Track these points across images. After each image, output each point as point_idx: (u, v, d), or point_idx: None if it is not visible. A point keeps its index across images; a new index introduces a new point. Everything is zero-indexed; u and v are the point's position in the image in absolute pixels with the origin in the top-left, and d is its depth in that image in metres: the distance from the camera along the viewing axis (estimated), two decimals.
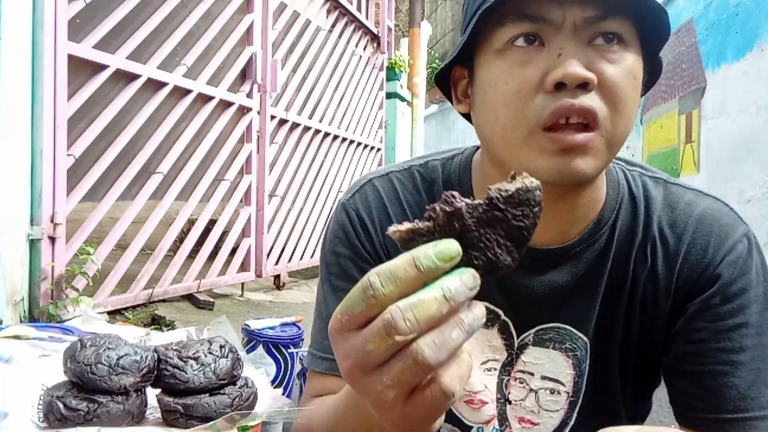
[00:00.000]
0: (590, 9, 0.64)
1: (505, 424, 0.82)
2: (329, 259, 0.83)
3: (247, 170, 4.29)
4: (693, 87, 6.45)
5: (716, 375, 0.70)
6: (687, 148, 6.60)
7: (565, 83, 0.63)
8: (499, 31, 0.67)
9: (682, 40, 6.87)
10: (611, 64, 0.65)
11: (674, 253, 0.74)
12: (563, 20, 0.64)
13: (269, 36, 4.40)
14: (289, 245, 4.89)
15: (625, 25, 0.66)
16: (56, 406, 0.97)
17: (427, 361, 0.40)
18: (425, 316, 0.40)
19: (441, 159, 0.85)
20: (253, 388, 1.13)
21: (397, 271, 0.41)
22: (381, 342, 0.41)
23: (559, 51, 0.64)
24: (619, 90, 0.65)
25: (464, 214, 0.44)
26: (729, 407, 0.69)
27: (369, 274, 0.42)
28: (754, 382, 0.69)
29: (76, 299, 2.65)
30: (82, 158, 2.86)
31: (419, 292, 0.41)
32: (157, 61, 3.29)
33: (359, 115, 6.20)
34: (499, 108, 0.68)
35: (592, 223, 0.76)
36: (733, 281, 0.72)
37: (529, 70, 0.65)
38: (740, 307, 0.71)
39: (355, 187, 0.85)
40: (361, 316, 0.42)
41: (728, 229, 0.74)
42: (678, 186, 0.79)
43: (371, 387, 0.43)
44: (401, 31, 9.93)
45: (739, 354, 0.70)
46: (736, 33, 5.56)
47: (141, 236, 3.27)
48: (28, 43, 2.54)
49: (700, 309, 0.72)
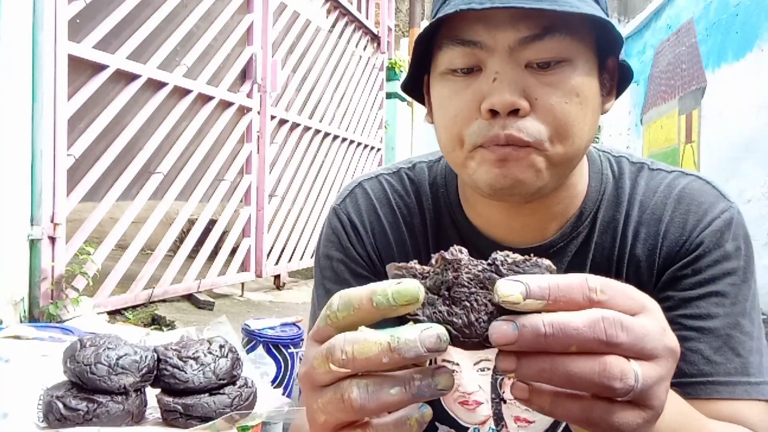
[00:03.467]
0: (524, 28, 0.62)
1: (501, 424, 0.82)
2: (323, 263, 0.84)
3: (247, 170, 4.29)
4: (693, 87, 6.45)
5: (682, 340, 0.69)
6: (687, 148, 6.59)
7: (497, 111, 0.62)
8: (440, 55, 0.67)
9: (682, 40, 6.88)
10: (548, 87, 0.63)
11: (654, 234, 0.74)
12: (495, 43, 0.63)
13: (269, 36, 4.40)
14: (289, 245, 4.89)
15: (566, 40, 0.63)
16: (56, 406, 0.97)
17: (352, 402, 0.39)
18: (363, 356, 0.39)
19: (428, 161, 0.85)
20: (252, 388, 1.13)
21: (353, 300, 0.40)
22: (321, 364, 0.40)
23: (495, 75, 0.63)
24: (557, 112, 0.63)
25: (462, 266, 0.42)
26: (693, 371, 0.68)
27: (336, 294, 0.42)
28: (721, 347, 0.68)
29: (76, 299, 2.66)
30: (82, 158, 2.87)
31: (369, 331, 0.40)
32: (157, 61, 3.29)
33: (359, 115, 6.21)
34: (441, 130, 0.69)
35: (574, 217, 0.76)
36: (707, 253, 0.71)
37: (466, 96, 0.65)
38: (712, 277, 0.70)
39: (346, 191, 0.85)
40: (322, 332, 0.42)
41: (707, 206, 0.73)
42: (660, 170, 0.78)
43: (309, 402, 0.43)
44: (401, 31, 9.94)
45: (707, 320, 0.69)
46: (736, 33, 5.56)
47: (141, 236, 3.27)
48: (28, 43, 2.54)
49: (671, 278, 0.72)
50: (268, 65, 4.34)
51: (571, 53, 0.64)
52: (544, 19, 0.62)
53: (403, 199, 0.83)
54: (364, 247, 0.81)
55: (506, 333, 0.39)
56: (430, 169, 0.84)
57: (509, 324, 0.39)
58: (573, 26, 0.63)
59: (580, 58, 0.65)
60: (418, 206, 0.82)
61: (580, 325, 0.38)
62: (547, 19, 0.62)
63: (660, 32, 7.62)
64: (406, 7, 9.55)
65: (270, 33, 4.41)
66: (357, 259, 0.81)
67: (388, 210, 0.82)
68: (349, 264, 0.81)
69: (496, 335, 0.39)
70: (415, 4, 8.31)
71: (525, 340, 0.39)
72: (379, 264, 0.81)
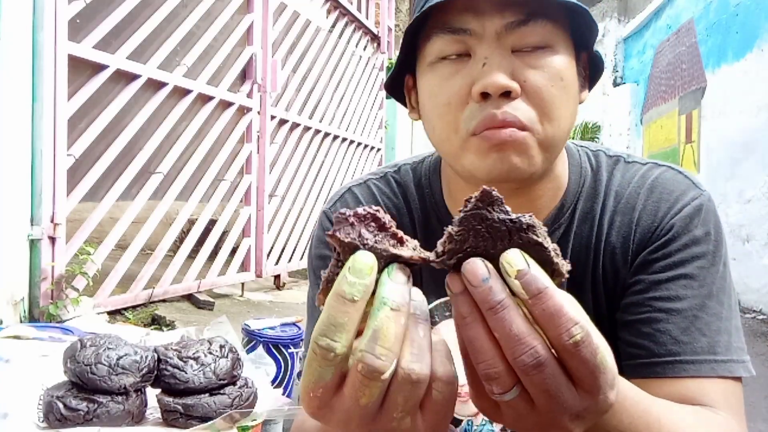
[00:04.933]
0: (510, 15, 0.66)
1: None
2: (315, 263, 0.86)
3: (247, 170, 4.29)
4: (693, 87, 6.45)
5: (651, 322, 0.71)
6: (687, 148, 6.59)
7: (489, 93, 0.65)
8: (428, 45, 0.70)
9: (682, 40, 6.87)
10: (535, 69, 0.67)
11: (628, 222, 0.77)
12: (483, 29, 0.66)
13: (269, 36, 4.40)
14: (289, 245, 4.89)
15: (548, 27, 0.67)
16: (56, 406, 0.97)
17: (420, 376, 0.40)
18: (391, 340, 0.39)
19: (412, 163, 0.89)
20: (253, 388, 1.13)
21: (337, 318, 0.40)
22: (371, 391, 0.40)
23: (484, 60, 0.66)
24: (545, 94, 0.67)
25: (495, 206, 0.44)
26: (662, 351, 0.70)
27: (314, 340, 0.41)
28: (688, 328, 0.70)
29: (76, 299, 2.66)
30: (82, 158, 2.87)
31: (370, 322, 0.40)
32: (157, 61, 3.29)
33: (359, 115, 6.20)
34: (435, 119, 0.71)
35: (555, 209, 0.79)
36: (677, 237, 0.73)
37: (457, 81, 0.68)
38: (681, 261, 0.72)
39: (336, 195, 0.89)
40: (334, 381, 0.41)
41: (678, 194, 0.76)
42: (635, 163, 0.81)
43: (386, 427, 0.42)
44: (401, 31, 9.94)
45: (675, 302, 0.71)
46: (736, 33, 5.56)
47: (141, 236, 3.27)
48: (28, 43, 2.54)
49: (642, 262, 0.74)
50: (268, 65, 4.34)
51: (553, 39, 0.68)
52: (527, 6, 0.66)
53: (392, 200, 0.86)
54: None
55: (477, 273, 0.41)
56: (415, 171, 0.88)
57: (485, 271, 0.41)
58: (553, 14, 0.68)
59: (560, 45, 0.69)
60: (405, 207, 0.85)
61: (534, 345, 0.40)
62: (530, 6, 0.66)
63: (660, 32, 7.62)
64: (406, 7, 9.56)
65: (270, 33, 4.41)
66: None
67: None
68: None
69: (470, 265, 0.41)
70: None
71: (481, 295, 0.41)
72: None
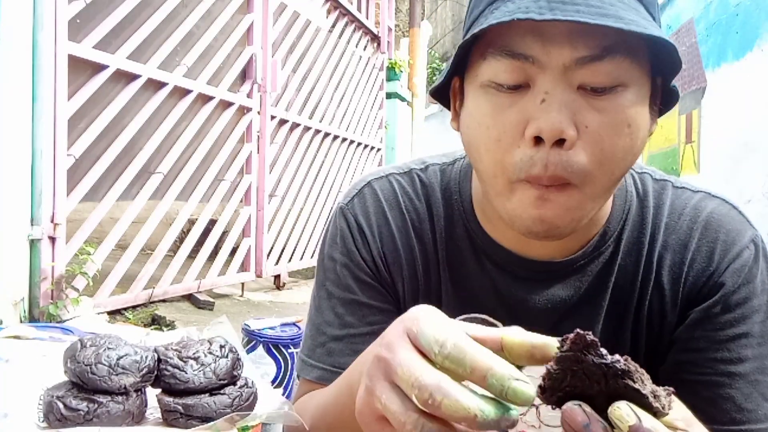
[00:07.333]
0: (583, 48, 0.57)
1: None
2: (327, 264, 0.81)
3: (247, 170, 4.29)
4: (693, 87, 6.46)
5: (713, 386, 0.68)
6: (687, 148, 6.60)
7: (542, 138, 0.58)
8: (482, 64, 0.61)
9: (682, 40, 6.88)
10: (600, 113, 0.58)
11: (680, 262, 0.71)
12: (549, 60, 0.57)
13: (269, 36, 4.40)
14: (289, 245, 4.89)
15: (625, 64, 0.58)
16: (56, 406, 0.97)
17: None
18: (448, 411, 0.39)
19: (441, 163, 0.81)
20: (253, 388, 1.13)
21: (467, 361, 0.39)
22: (405, 386, 0.41)
23: (543, 96, 0.58)
24: (605, 144, 0.59)
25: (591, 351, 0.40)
26: (725, 419, 0.67)
27: (451, 335, 0.41)
28: (751, 394, 0.67)
29: (76, 299, 2.66)
30: (82, 158, 2.87)
31: (462, 391, 0.39)
32: (157, 61, 3.29)
33: (359, 116, 6.20)
34: (482, 152, 0.64)
35: (597, 236, 0.73)
36: (737, 290, 0.69)
37: (511, 115, 0.60)
38: (742, 316, 0.68)
39: (354, 190, 0.82)
40: (409, 352, 0.42)
41: (735, 235, 0.71)
42: (685, 189, 0.75)
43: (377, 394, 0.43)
44: (401, 31, 9.95)
45: (738, 365, 0.68)
46: (736, 33, 5.56)
47: (141, 236, 3.27)
48: (28, 43, 2.54)
49: (700, 317, 0.70)
50: (268, 65, 4.34)
51: (627, 78, 0.59)
52: (605, 38, 0.57)
53: (413, 203, 0.79)
54: (370, 252, 0.78)
55: (576, 420, 0.38)
56: (443, 173, 0.80)
57: (584, 417, 0.38)
58: (633, 48, 0.58)
59: (635, 84, 0.60)
60: (428, 212, 0.78)
61: None
62: (609, 38, 0.56)
63: None
64: (406, 7, 9.55)
65: (270, 33, 4.41)
66: (361, 263, 0.78)
67: (397, 213, 0.79)
68: (353, 269, 0.78)
69: (569, 412, 0.39)
70: (415, 4, 8.31)
71: None
72: (384, 270, 0.78)
